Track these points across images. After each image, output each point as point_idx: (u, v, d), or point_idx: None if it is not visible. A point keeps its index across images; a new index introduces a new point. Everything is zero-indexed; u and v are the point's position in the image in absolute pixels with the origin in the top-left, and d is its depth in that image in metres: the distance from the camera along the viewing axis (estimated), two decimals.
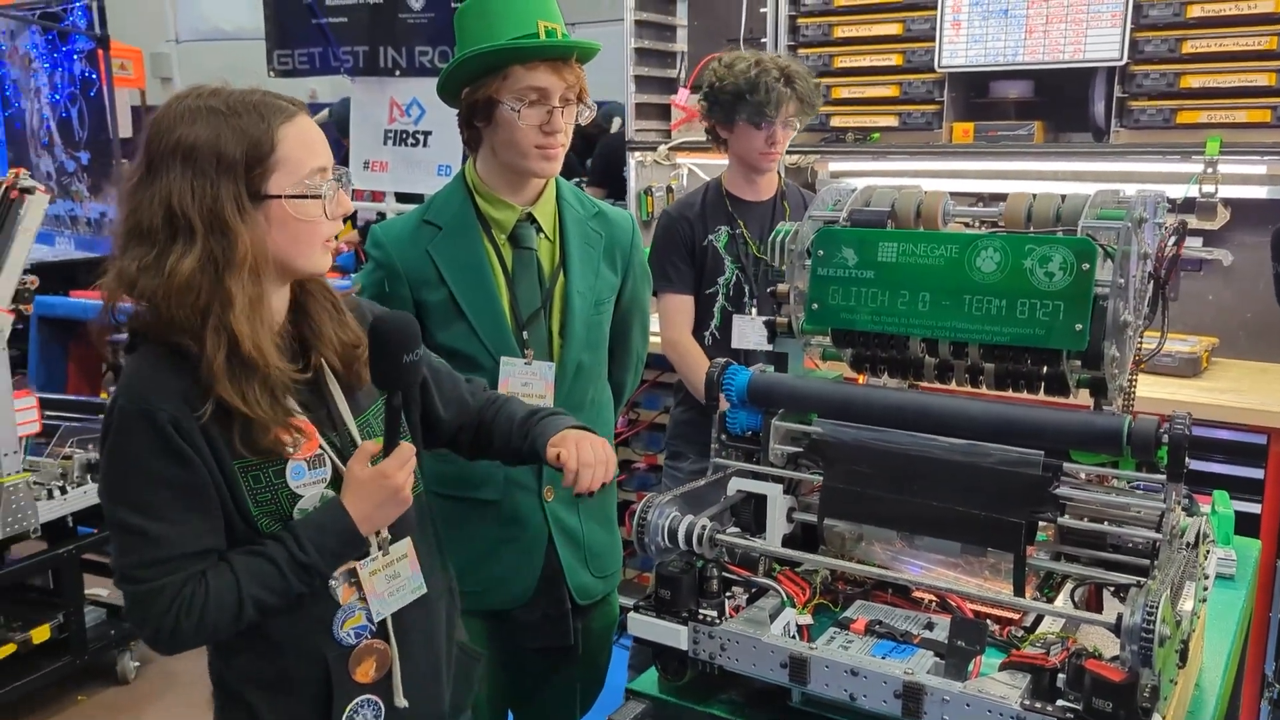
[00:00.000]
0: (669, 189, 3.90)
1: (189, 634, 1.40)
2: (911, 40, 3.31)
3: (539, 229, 2.08)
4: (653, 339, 2.47)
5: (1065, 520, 1.50)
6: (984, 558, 1.59)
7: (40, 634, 3.37)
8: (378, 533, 1.53)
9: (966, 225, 1.73)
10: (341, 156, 4.92)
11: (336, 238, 1.56)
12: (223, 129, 1.38)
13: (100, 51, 5.93)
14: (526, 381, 2.02)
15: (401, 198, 4.94)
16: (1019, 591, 1.50)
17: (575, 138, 2.09)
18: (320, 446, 1.49)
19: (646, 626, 1.58)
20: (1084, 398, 1.61)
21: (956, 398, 1.65)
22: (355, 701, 1.53)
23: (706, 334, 2.92)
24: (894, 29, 3.34)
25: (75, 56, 6.09)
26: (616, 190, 4.26)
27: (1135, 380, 1.59)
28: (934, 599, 1.62)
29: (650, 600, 1.60)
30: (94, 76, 6.03)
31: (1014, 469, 1.50)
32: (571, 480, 1.67)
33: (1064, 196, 1.61)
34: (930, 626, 1.55)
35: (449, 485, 2.00)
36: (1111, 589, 1.52)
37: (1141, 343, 1.57)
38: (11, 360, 4.87)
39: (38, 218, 3.23)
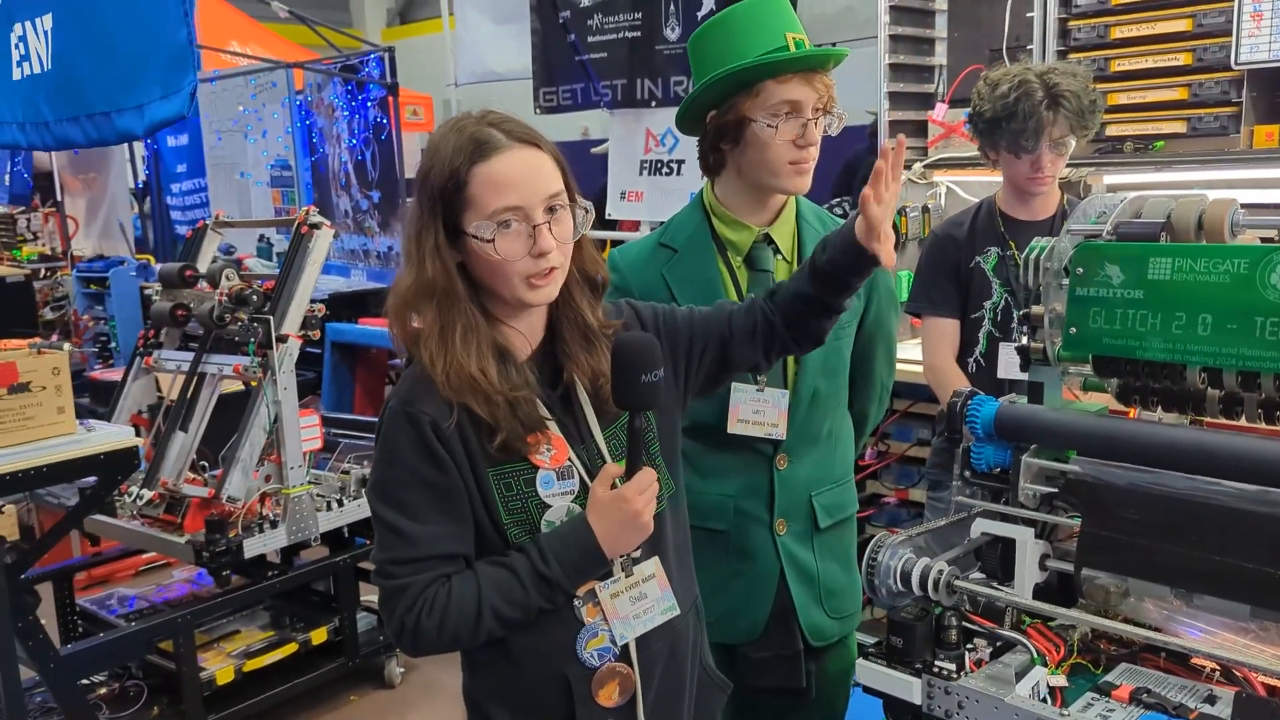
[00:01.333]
0: (925, 209, 3.71)
1: (430, 634, 1.45)
2: (1203, 36, 2.98)
3: (776, 250, 2.01)
4: (900, 366, 2.33)
5: None
6: None
7: (319, 635, 3.65)
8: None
9: (1265, 240, 1.51)
10: None
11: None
12: (435, 163, 1.46)
13: (390, 99, 6.45)
14: (758, 409, 1.96)
15: (656, 227, 5.02)
16: None
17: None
18: (569, 459, 1.51)
19: (876, 675, 1.48)
20: None
21: (1247, 436, 1.43)
22: None
23: (970, 360, 2.74)
24: (1182, 25, 3.01)
25: (370, 104, 6.65)
26: None
27: None
28: (1216, 668, 1.42)
29: (881, 648, 1.49)
30: (385, 121, 6.56)
31: None
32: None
33: None
34: (1211, 700, 1.37)
35: None
36: None
37: None
38: (308, 383, 5.38)
39: (324, 250, 3.52)
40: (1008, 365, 2.68)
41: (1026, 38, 3.33)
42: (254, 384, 3.39)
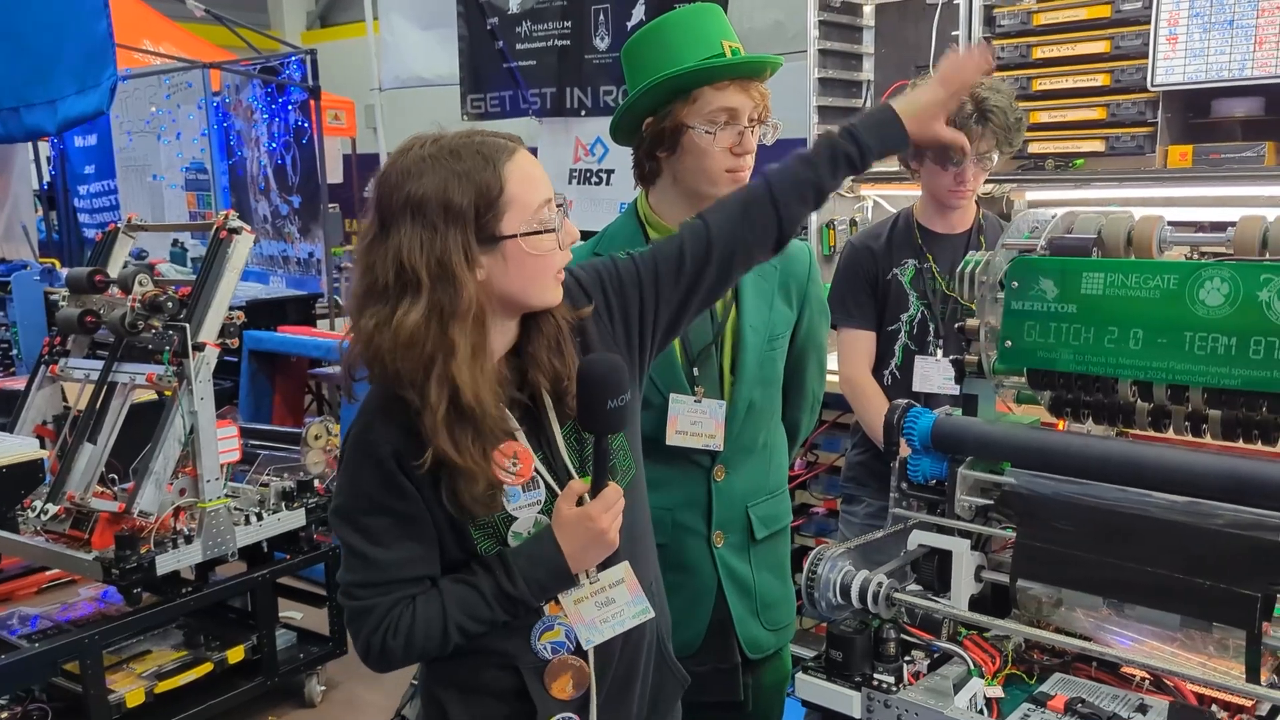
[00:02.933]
0: (852, 222, 3.75)
1: (397, 654, 1.45)
2: (1120, 58, 3.07)
3: None
4: (830, 377, 2.34)
5: None
6: (1209, 633, 1.39)
7: (235, 654, 3.52)
8: None
9: (1187, 256, 1.55)
10: None
11: None
12: (449, 178, 1.38)
13: (312, 102, 6.32)
14: (696, 420, 1.95)
15: (586, 236, 5.00)
16: (1253, 676, 1.29)
17: None
18: (535, 469, 1.48)
19: (816, 689, 1.47)
20: None
21: (1175, 449, 1.46)
22: (556, 718, 1.51)
23: (886, 373, 2.75)
24: (1100, 47, 3.09)
25: (290, 107, 6.51)
26: None
27: None
28: (1147, 677, 1.45)
29: (820, 661, 1.48)
30: (306, 125, 6.43)
31: (1248, 533, 1.31)
32: None
33: None
34: (1143, 710, 1.39)
35: None
36: None
37: None
38: (224, 392, 5.21)
39: (244, 256, 3.41)
40: (924, 378, 2.68)
41: None
42: (168, 394, 3.27)
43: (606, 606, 1.52)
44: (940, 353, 2.64)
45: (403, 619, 1.43)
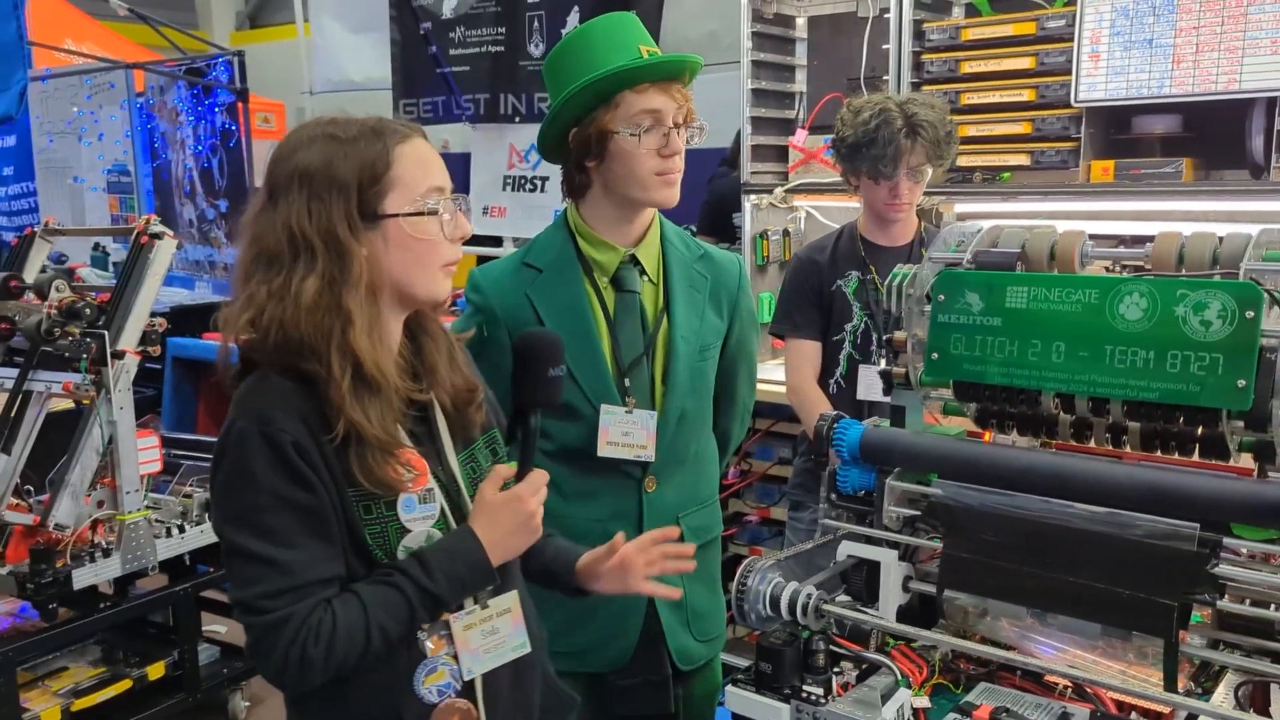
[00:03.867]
0: (785, 233, 3.78)
1: (318, 664, 1.34)
2: (1045, 74, 3.13)
3: (642, 271, 2.00)
4: (761, 386, 2.35)
5: (1225, 604, 1.33)
6: (1128, 641, 1.42)
7: (156, 670, 3.41)
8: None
9: (1108, 269, 1.58)
10: None
11: None
12: (337, 152, 1.39)
13: (240, 104, 6.18)
14: (627, 431, 1.93)
15: (519, 243, 4.98)
16: (1170, 684, 1.32)
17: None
18: (431, 482, 1.45)
19: (745, 702, 1.47)
20: (1246, 462, 1.43)
21: (1096, 460, 1.49)
22: None
23: (831, 382, 2.80)
24: (1026, 63, 3.16)
25: (217, 109, 6.36)
26: (726, 237, 4.17)
27: None
28: (1069, 686, 1.47)
29: (750, 674, 1.48)
30: (234, 128, 6.29)
31: (1165, 543, 1.34)
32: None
33: (1221, 237, 1.44)
34: (1066, 717, 1.40)
35: None
36: None
37: None
38: (147, 400, 5.07)
39: (166, 262, 3.31)
40: (867, 387, 2.74)
41: (882, 69, 3.44)
42: (86, 402, 3.17)
43: (491, 636, 1.48)
44: (883, 362, 2.68)
45: (323, 624, 1.34)
